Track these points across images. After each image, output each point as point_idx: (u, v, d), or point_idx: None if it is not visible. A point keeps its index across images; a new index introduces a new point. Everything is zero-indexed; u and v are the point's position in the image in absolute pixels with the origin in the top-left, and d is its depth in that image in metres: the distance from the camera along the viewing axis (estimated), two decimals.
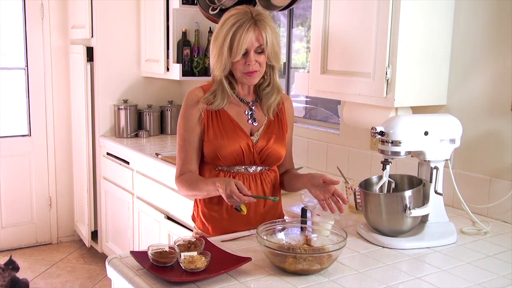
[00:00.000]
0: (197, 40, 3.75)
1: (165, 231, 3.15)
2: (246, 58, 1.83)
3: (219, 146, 1.86)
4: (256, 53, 1.83)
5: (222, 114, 1.89)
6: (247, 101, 1.95)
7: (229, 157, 1.86)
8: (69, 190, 4.58)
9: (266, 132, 1.92)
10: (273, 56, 1.89)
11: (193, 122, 1.89)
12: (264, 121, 1.94)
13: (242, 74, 1.86)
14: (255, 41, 1.82)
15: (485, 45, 2.10)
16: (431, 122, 1.80)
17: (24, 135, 4.43)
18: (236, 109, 1.92)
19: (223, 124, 1.88)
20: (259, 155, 1.89)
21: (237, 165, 1.89)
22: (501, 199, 2.04)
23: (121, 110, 3.96)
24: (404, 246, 1.73)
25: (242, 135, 1.88)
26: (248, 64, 1.83)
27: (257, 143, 1.89)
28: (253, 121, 1.93)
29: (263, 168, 1.93)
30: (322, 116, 3.27)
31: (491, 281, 1.50)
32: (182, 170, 1.91)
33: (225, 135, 1.86)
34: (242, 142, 1.87)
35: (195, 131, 1.89)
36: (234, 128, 1.88)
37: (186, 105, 1.92)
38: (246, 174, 1.90)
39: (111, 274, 1.55)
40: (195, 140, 1.90)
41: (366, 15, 2.11)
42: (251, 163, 1.90)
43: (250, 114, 1.93)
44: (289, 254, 1.47)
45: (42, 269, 4.07)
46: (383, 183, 1.82)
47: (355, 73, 2.19)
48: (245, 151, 1.87)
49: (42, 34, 4.33)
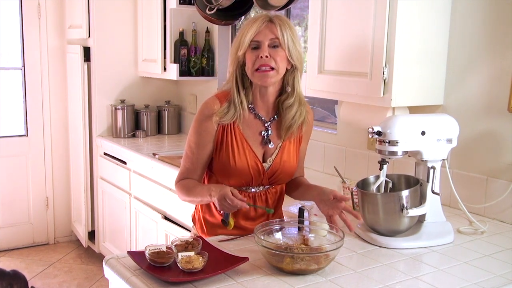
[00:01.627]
0: (194, 40, 3.75)
1: (162, 231, 3.15)
2: (258, 51, 1.69)
3: (229, 168, 1.77)
4: (270, 47, 1.69)
5: (237, 133, 1.77)
6: (264, 119, 1.80)
7: (238, 179, 1.79)
8: (66, 190, 4.57)
9: (280, 157, 1.81)
10: (295, 56, 1.72)
11: (205, 140, 1.78)
12: (279, 144, 1.82)
13: (253, 72, 1.70)
14: (269, 32, 1.68)
15: (482, 45, 2.10)
16: (428, 122, 1.80)
17: (21, 135, 4.42)
18: (251, 128, 1.79)
19: (237, 145, 1.76)
20: (269, 179, 1.83)
21: (244, 186, 1.83)
22: (498, 199, 2.04)
23: (118, 110, 3.95)
24: (401, 245, 1.73)
25: (253, 160, 1.78)
26: (260, 56, 1.67)
27: (268, 170, 1.80)
28: (267, 142, 1.80)
29: (270, 186, 1.87)
30: (319, 116, 3.27)
31: (488, 281, 1.50)
32: (183, 177, 1.85)
33: (236, 157, 1.76)
34: (253, 167, 1.77)
35: (206, 148, 1.79)
36: (246, 153, 1.77)
37: (200, 119, 1.78)
38: (252, 193, 1.84)
39: (108, 274, 1.55)
40: (203, 157, 1.81)
41: (363, 15, 2.11)
42: (259, 185, 1.84)
43: (265, 135, 1.81)
44: (286, 254, 1.47)
45: (39, 269, 4.06)
46: (380, 183, 1.82)
47: (352, 73, 2.19)
48: (254, 176, 1.79)
49: (39, 34, 4.32)
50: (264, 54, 1.68)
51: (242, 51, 1.71)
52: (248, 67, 1.72)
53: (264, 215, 1.88)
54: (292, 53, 1.72)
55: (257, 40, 1.69)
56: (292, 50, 1.71)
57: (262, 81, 1.71)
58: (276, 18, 1.72)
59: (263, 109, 1.81)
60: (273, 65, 1.69)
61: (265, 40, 1.69)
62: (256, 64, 1.69)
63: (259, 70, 1.70)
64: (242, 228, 1.84)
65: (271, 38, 1.69)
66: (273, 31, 1.69)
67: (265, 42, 1.69)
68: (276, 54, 1.69)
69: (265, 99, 1.79)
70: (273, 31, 1.69)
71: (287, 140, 1.83)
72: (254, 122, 1.81)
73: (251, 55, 1.70)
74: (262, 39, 1.69)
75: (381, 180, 1.82)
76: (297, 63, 1.75)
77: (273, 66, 1.69)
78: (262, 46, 1.69)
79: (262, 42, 1.69)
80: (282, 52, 1.70)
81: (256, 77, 1.71)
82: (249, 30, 1.69)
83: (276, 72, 1.71)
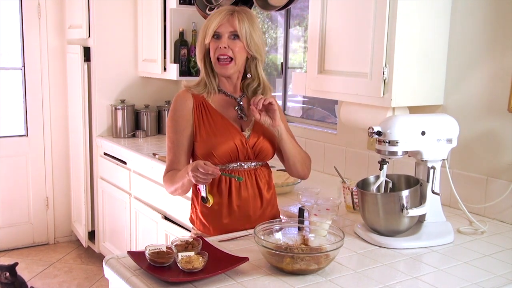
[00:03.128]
0: (194, 40, 3.75)
1: (162, 231, 3.15)
2: (219, 41, 1.86)
3: (213, 144, 1.86)
4: (230, 39, 1.86)
5: (212, 113, 1.90)
6: (234, 96, 1.95)
7: (224, 155, 1.86)
8: (66, 190, 4.57)
9: (256, 127, 1.92)
10: (253, 47, 1.88)
11: (182, 125, 1.90)
12: (252, 117, 1.93)
13: (215, 61, 1.88)
14: (228, 25, 1.85)
15: (482, 45, 2.10)
16: (428, 122, 1.80)
17: (21, 135, 4.42)
18: (225, 106, 1.93)
19: (214, 122, 1.88)
20: (252, 150, 1.90)
21: (232, 162, 1.89)
22: (498, 199, 2.04)
23: (118, 110, 3.95)
24: (401, 245, 1.73)
25: (235, 132, 1.88)
26: (220, 47, 1.85)
27: (249, 138, 1.90)
28: (243, 116, 1.93)
29: (257, 164, 1.94)
30: (319, 116, 3.27)
31: (488, 281, 1.50)
32: (168, 170, 1.93)
33: (218, 133, 1.87)
34: (236, 138, 1.87)
35: (184, 133, 1.90)
36: (226, 125, 1.89)
37: (174, 107, 1.93)
38: (241, 171, 1.90)
39: (108, 275, 1.55)
40: (183, 143, 1.90)
41: (363, 15, 2.11)
42: (245, 159, 1.90)
43: (239, 109, 1.94)
44: (286, 254, 1.47)
45: (39, 269, 4.06)
46: (380, 183, 1.82)
47: (352, 73, 2.19)
48: (239, 147, 1.87)
49: (39, 34, 4.32)
50: (223, 45, 1.86)
51: (207, 40, 1.88)
52: (212, 56, 1.89)
53: (256, 195, 1.92)
54: (250, 44, 1.87)
55: (219, 31, 1.87)
56: (249, 41, 1.87)
57: (221, 71, 1.90)
58: (237, 11, 1.88)
59: (230, 88, 1.96)
60: (231, 55, 1.86)
61: (225, 32, 1.86)
62: (217, 53, 1.87)
63: (220, 61, 1.87)
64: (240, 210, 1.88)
65: (230, 31, 1.86)
66: (232, 24, 1.86)
67: (225, 34, 1.86)
68: (234, 45, 1.86)
69: (230, 81, 1.95)
70: (232, 24, 1.86)
71: None
72: (226, 100, 1.95)
73: (213, 44, 1.88)
74: (222, 30, 1.86)
75: (381, 180, 1.82)
76: (255, 54, 1.90)
77: (231, 56, 1.87)
78: (222, 37, 1.86)
79: (222, 33, 1.86)
80: (240, 43, 1.87)
81: (218, 68, 1.90)
82: (213, 22, 1.86)
83: (234, 63, 1.88)
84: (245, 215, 1.89)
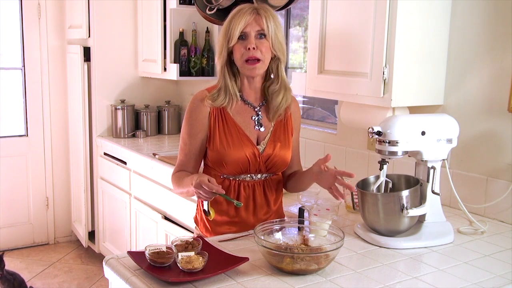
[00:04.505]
0: (194, 40, 3.75)
1: (162, 231, 3.15)
2: (246, 42, 1.77)
3: (224, 155, 1.81)
4: (257, 38, 1.77)
5: (229, 122, 1.83)
6: (253, 105, 1.88)
7: (235, 166, 1.82)
8: (66, 190, 4.58)
9: (272, 140, 1.87)
10: (277, 46, 1.80)
11: (196, 129, 1.83)
12: (270, 128, 1.88)
13: (242, 63, 1.78)
14: (255, 24, 1.77)
15: (482, 45, 2.10)
16: (428, 122, 1.80)
17: (21, 135, 4.42)
18: (242, 115, 1.86)
19: (230, 132, 1.82)
20: (265, 163, 1.86)
21: (243, 174, 1.86)
22: (498, 199, 2.04)
23: (118, 110, 3.96)
24: (401, 246, 1.73)
25: (248, 144, 1.83)
26: (248, 48, 1.76)
27: (263, 152, 1.85)
28: (259, 127, 1.87)
29: (268, 175, 1.91)
30: (319, 116, 3.27)
31: (488, 281, 1.50)
32: (178, 169, 1.90)
33: (231, 143, 1.81)
34: (248, 151, 1.82)
35: (198, 137, 1.84)
36: (240, 136, 1.83)
37: (190, 109, 1.85)
38: (251, 182, 1.88)
39: (108, 275, 1.55)
40: (195, 147, 1.86)
41: (363, 15, 2.11)
42: (257, 171, 1.87)
43: (256, 119, 1.87)
44: (286, 254, 1.47)
45: (39, 269, 4.06)
46: (380, 183, 1.82)
47: (352, 73, 2.19)
48: (251, 160, 1.83)
49: (39, 34, 4.32)
50: (251, 46, 1.76)
51: (233, 42, 1.78)
52: (237, 58, 1.80)
53: (263, 206, 1.91)
54: (274, 44, 1.80)
55: (245, 31, 1.78)
56: (274, 41, 1.80)
57: (250, 73, 1.81)
58: (262, 9, 1.80)
59: (251, 95, 1.89)
60: (259, 56, 1.78)
61: (252, 32, 1.77)
62: (245, 55, 1.77)
63: (248, 62, 1.78)
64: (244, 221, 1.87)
65: (257, 30, 1.78)
66: (259, 23, 1.78)
67: (252, 33, 1.77)
68: (261, 45, 1.78)
69: (252, 86, 1.87)
70: (259, 22, 1.78)
71: (277, 123, 1.90)
72: (244, 108, 1.87)
73: (239, 46, 1.78)
74: (249, 30, 1.77)
75: (381, 180, 1.82)
76: (279, 54, 1.83)
77: (259, 57, 1.78)
78: (249, 37, 1.77)
79: (249, 33, 1.77)
80: (267, 42, 1.79)
81: (246, 69, 1.80)
82: (239, 22, 1.77)
83: (263, 64, 1.80)
84: (249, 224, 1.87)
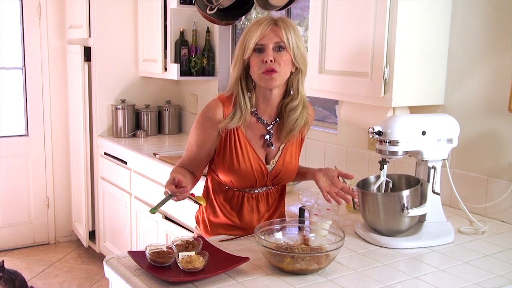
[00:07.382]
0: (194, 40, 3.75)
1: (162, 231, 3.15)
2: (263, 55, 1.67)
3: (232, 171, 1.79)
4: (275, 51, 1.68)
5: (241, 141, 1.77)
6: (266, 122, 1.81)
7: (241, 182, 1.81)
8: (67, 190, 4.58)
9: (282, 159, 1.84)
10: (300, 59, 1.71)
11: (205, 141, 1.79)
12: (281, 146, 1.84)
13: (259, 75, 1.69)
14: (273, 35, 1.67)
15: (483, 45, 2.10)
16: (429, 122, 1.80)
17: (21, 135, 4.42)
18: (254, 131, 1.80)
19: (241, 150, 1.77)
20: (272, 180, 1.85)
21: (247, 188, 1.85)
22: (498, 199, 2.04)
23: (119, 110, 3.95)
24: (401, 245, 1.73)
25: (258, 164, 1.80)
26: (265, 61, 1.66)
27: (272, 171, 1.83)
28: (270, 145, 1.82)
29: (272, 187, 1.90)
30: (320, 116, 3.27)
31: (489, 281, 1.50)
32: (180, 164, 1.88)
33: (241, 160, 1.77)
34: (256, 169, 1.79)
35: (205, 149, 1.80)
36: (249, 155, 1.78)
37: (202, 119, 1.78)
38: (255, 194, 1.87)
39: (109, 274, 1.55)
40: (202, 155, 1.82)
41: (363, 15, 2.11)
42: (262, 186, 1.86)
43: (268, 138, 1.81)
44: (287, 254, 1.47)
45: (39, 269, 4.06)
46: (380, 183, 1.82)
47: (352, 73, 2.19)
48: (258, 179, 1.81)
49: (40, 34, 4.32)
50: (269, 59, 1.66)
51: (247, 55, 1.70)
52: (254, 71, 1.71)
53: (267, 210, 1.90)
54: (296, 55, 1.71)
55: (262, 43, 1.68)
56: (296, 52, 1.70)
57: (267, 84, 1.71)
58: (280, 20, 1.71)
59: (266, 112, 1.81)
60: (278, 69, 1.68)
61: (270, 44, 1.68)
62: (262, 68, 1.68)
63: (265, 72, 1.68)
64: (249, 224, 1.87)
65: (275, 42, 1.68)
66: (278, 34, 1.68)
67: (270, 45, 1.68)
68: (280, 57, 1.68)
69: (269, 103, 1.79)
70: (278, 34, 1.68)
71: (288, 142, 1.85)
72: (256, 126, 1.81)
73: (256, 58, 1.69)
74: (266, 42, 1.68)
75: (381, 180, 1.82)
76: (301, 66, 1.74)
77: (278, 70, 1.68)
78: (267, 49, 1.68)
79: (267, 45, 1.68)
80: (286, 55, 1.69)
81: (263, 80, 1.70)
82: (254, 34, 1.68)
83: (280, 76, 1.70)
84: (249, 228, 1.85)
